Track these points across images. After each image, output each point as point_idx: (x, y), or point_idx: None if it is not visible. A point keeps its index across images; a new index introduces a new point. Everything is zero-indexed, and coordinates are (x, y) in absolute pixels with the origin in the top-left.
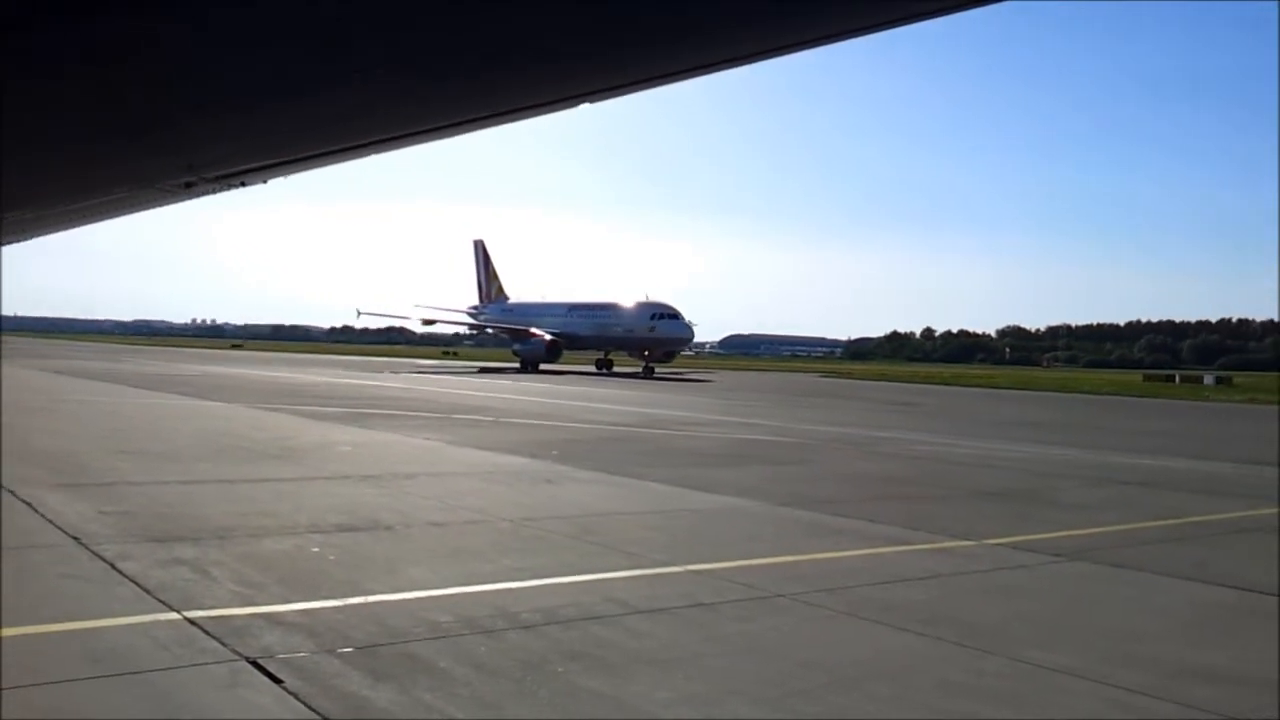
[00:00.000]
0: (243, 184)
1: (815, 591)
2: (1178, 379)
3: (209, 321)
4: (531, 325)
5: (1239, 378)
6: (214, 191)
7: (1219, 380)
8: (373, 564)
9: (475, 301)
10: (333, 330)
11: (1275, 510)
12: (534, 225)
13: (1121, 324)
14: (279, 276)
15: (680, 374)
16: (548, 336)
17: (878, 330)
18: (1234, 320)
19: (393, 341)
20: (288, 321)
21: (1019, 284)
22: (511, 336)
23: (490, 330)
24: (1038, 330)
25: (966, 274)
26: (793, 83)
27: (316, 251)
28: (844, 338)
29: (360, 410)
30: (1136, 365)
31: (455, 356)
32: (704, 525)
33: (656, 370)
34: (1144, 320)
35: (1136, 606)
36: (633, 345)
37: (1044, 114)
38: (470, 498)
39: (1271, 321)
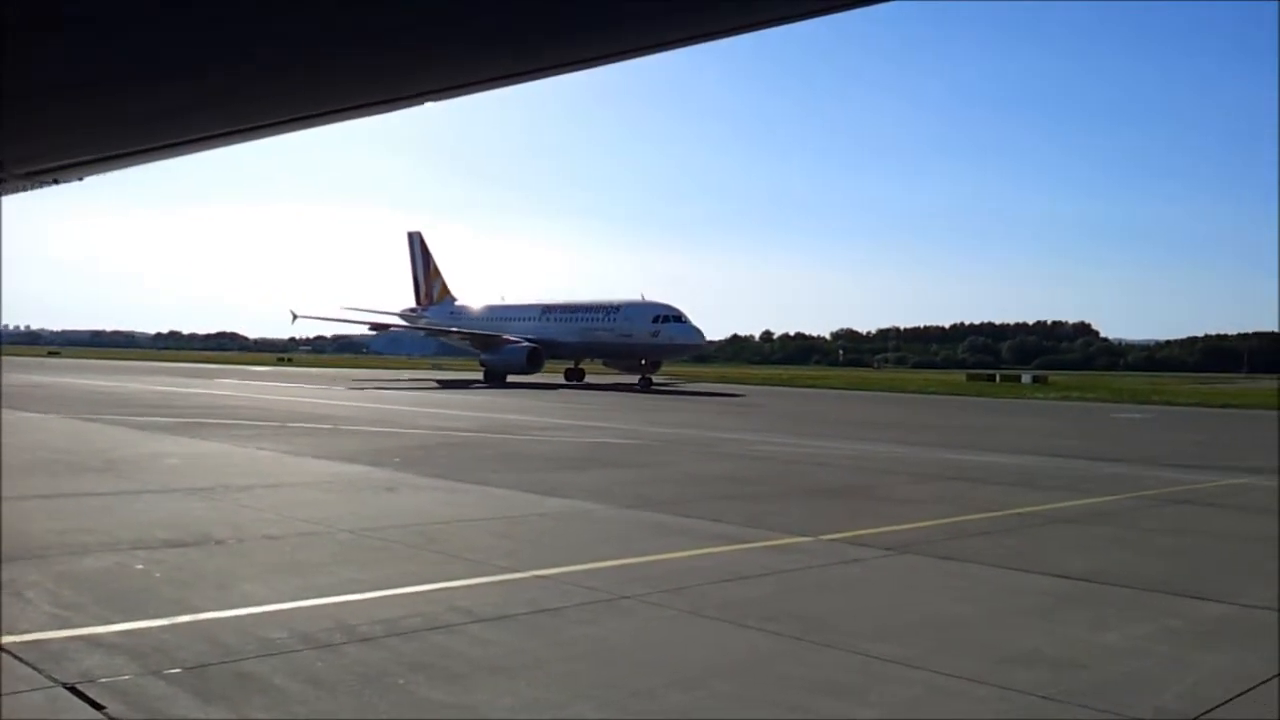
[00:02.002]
0: (55, 181)
1: (659, 592)
2: (998, 378)
3: (24, 327)
4: (494, 330)
5: (1054, 376)
6: (24, 189)
7: (1036, 379)
8: (202, 580)
9: (412, 303)
10: (159, 336)
11: (1086, 501)
12: (383, 226)
13: (946, 326)
14: (99, 281)
15: (673, 385)
16: (525, 344)
17: (719, 333)
18: (1049, 323)
19: (224, 347)
20: (109, 327)
21: (851, 288)
22: (478, 344)
23: (446, 337)
24: (869, 333)
25: (802, 279)
26: (638, 87)
27: (145, 256)
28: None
29: (191, 420)
30: (960, 365)
31: (290, 362)
32: (549, 530)
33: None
34: (967, 323)
35: (962, 596)
36: (629, 354)
37: (875, 124)
38: (308, 509)
39: (1082, 324)
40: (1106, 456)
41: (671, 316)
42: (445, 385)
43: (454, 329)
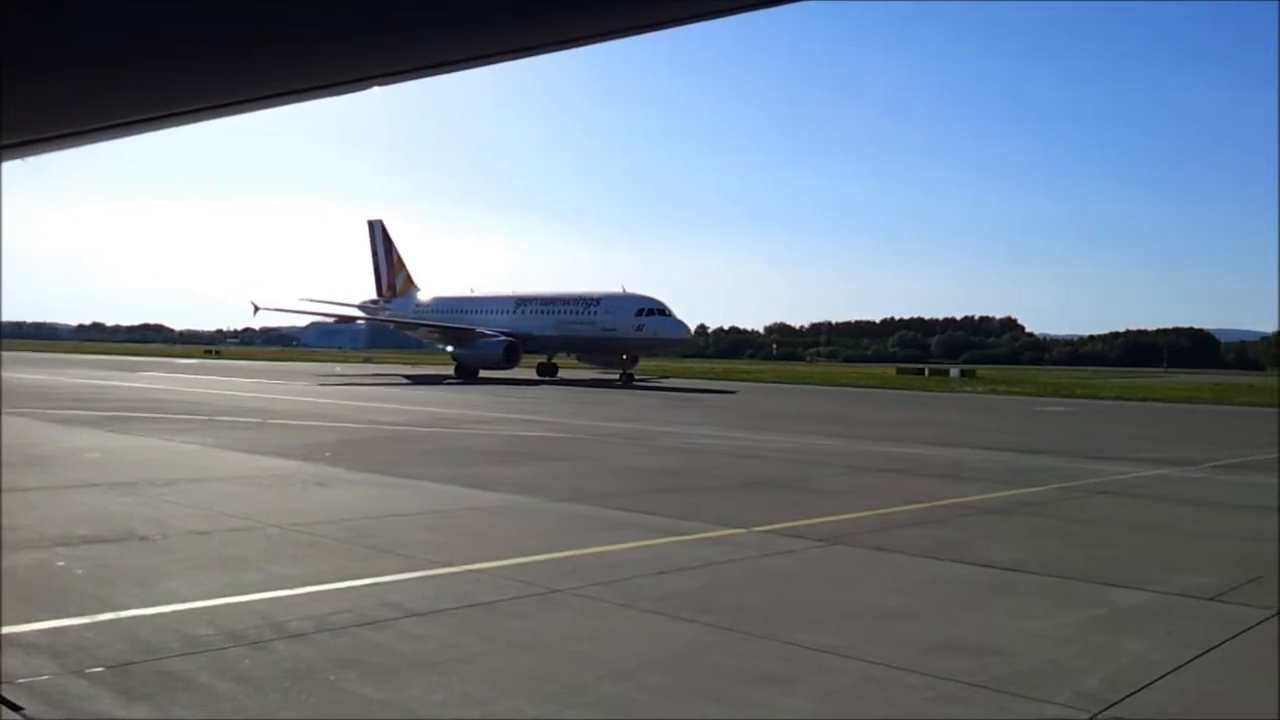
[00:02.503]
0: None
1: (593, 585)
2: (927, 372)
3: None
4: (464, 323)
5: (981, 370)
6: None
7: (963, 373)
8: (125, 577)
9: (372, 295)
10: (81, 328)
11: (1012, 493)
12: (326, 219)
13: (877, 321)
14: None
15: (647, 380)
16: (501, 337)
17: None
18: (977, 318)
19: (148, 340)
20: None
21: (784, 283)
22: (449, 338)
23: (414, 331)
24: (802, 327)
25: (737, 273)
26: (582, 79)
27: (66, 247)
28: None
29: (115, 414)
30: (891, 359)
31: (218, 355)
32: (482, 524)
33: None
34: (897, 318)
35: (892, 586)
36: (611, 348)
37: (811, 121)
38: (236, 504)
39: (1009, 319)
40: (1032, 449)
41: (655, 310)
42: (416, 381)
43: (424, 322)
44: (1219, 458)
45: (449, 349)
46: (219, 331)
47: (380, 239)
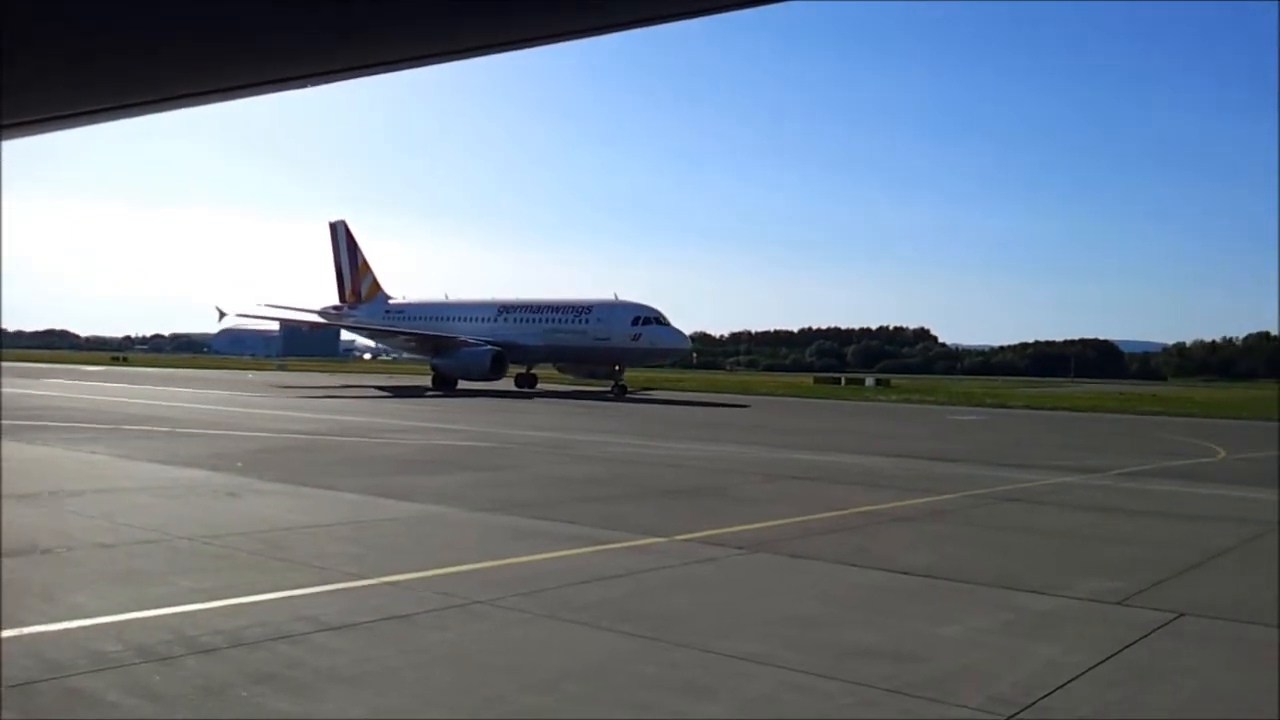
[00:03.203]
0: None
1: (513, 596)
2: (844, 381)
3: None
4: (440, 330)
5: (896, 380)
6: None
7: (879, 382)
8: (27, 592)
9: (335, 300)
10: None
11: (925, 500)
12: (239, 228)
13: (795, 331)
14: None
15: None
16: (487, 346)
17: None
18: (891, 328)
19: (53, 345)
20: None
21: (703, 293)
22: (427, 347)
23: (388, 339)
24: (721, 336)
25: (658, 282)
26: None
27: None
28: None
29: (17, 423)
30: (808, 369)
31: (126, 362)
32: (399, 535)
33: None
34: (814, 328)
35: (810, 593)
36: (603, 358)
37: (730, 131)
38: (144, 515)
39: (922, 329)
40: (944, 457)
41: (652, 318)
42: (395, 393)
43: (400, 329)
44: (1122, 466)
45: (431, 359)
46: (127, 338)
47: (343, 241)
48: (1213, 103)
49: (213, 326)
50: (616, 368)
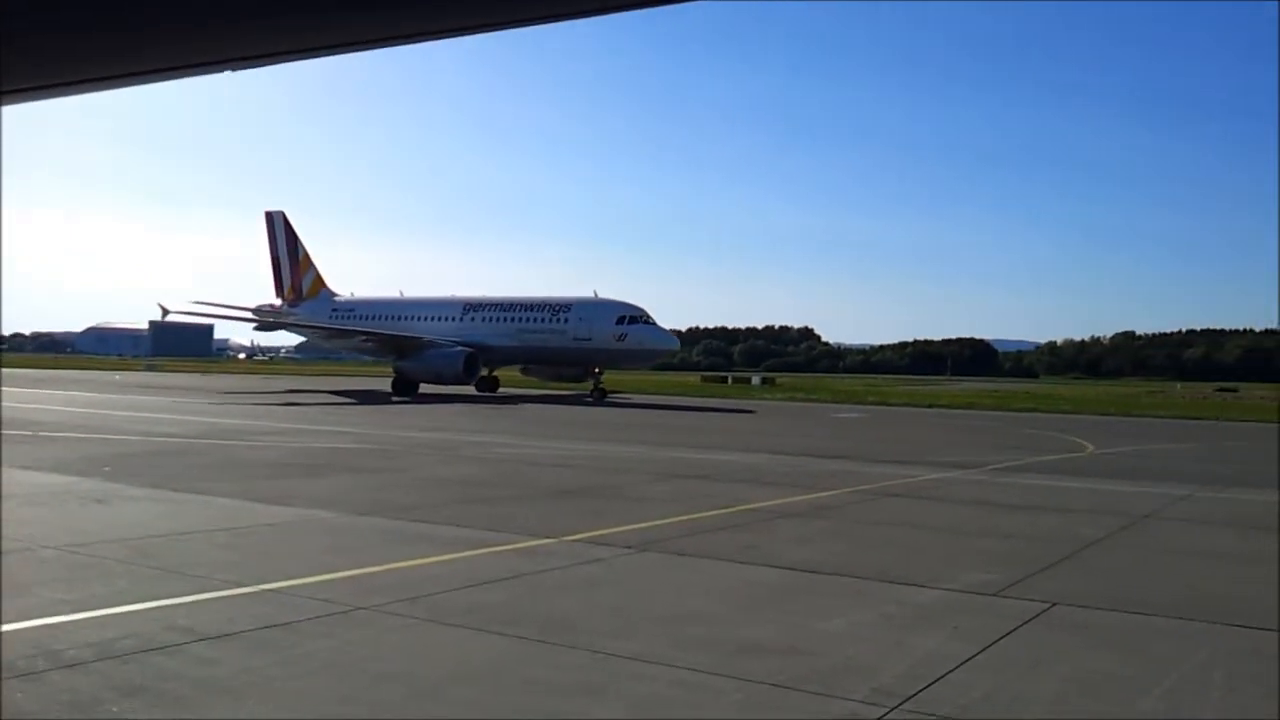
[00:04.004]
0: None
1: (397, 601)
2: (730, 380)
3: None
4: (397, 330)
5: (781, 378)
6: None
7: (764, 380)
8: None
9: (273, 298)
10: None
11: (810, 496)
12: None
13: (683, 330)
14: None
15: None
16: (459, 347)
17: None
18: (776, 327)
19: None
20: None
21: (590, 293)
22: (389, 348)
23: (342, 340)
24: None
25: (546, 280)
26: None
27: None
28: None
29: None
30: (695, 368)
31: None
32: (278, 540)
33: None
34: (701, 327)
35: (698, 591)
36: (583, 360)
37: (623, 130)
38: (7, 524)
39: (806, 328)
40: (828, 453)
41: (638, 317)
42: (362, 399)
43: (358, 329)
44: (997, 461)
45: (395, 362)
46: None
47: (282, 233)
48: (1080, 107)
49: (77, 325)
50: (596, 370)
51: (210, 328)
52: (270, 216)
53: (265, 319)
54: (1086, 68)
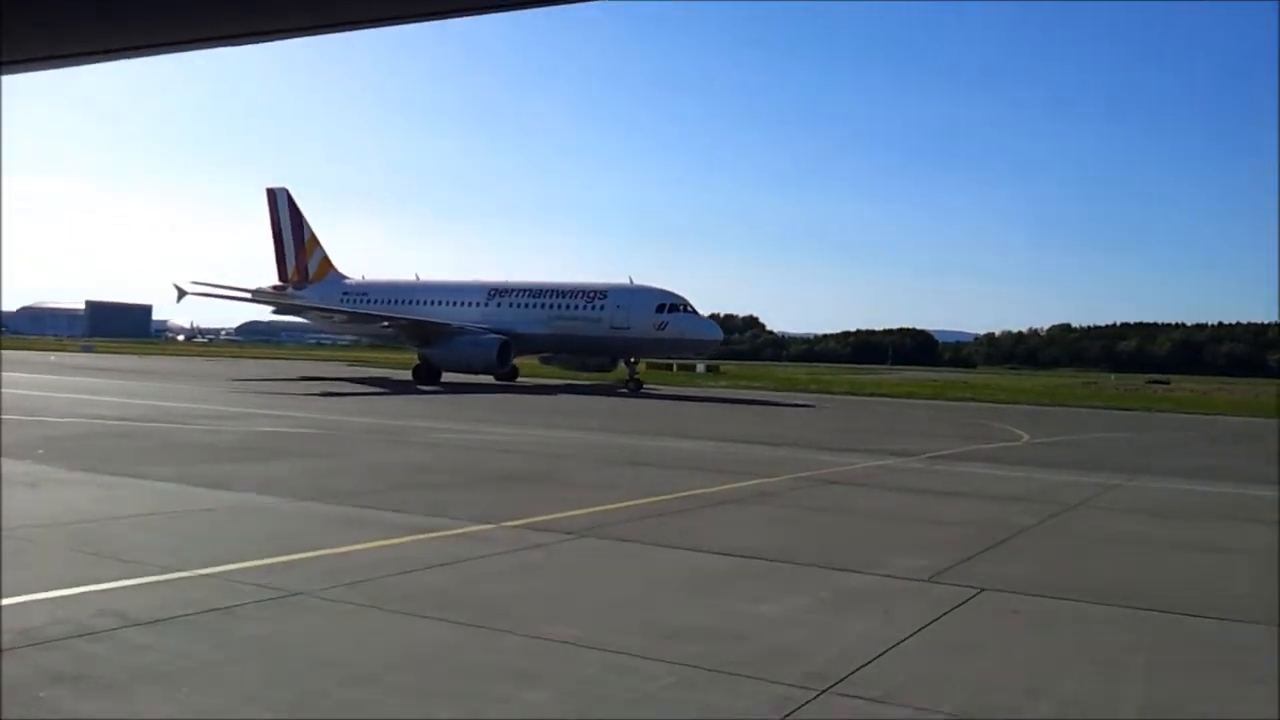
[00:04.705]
0: None
1: (337, 586)
2: (675, 367)
3: None
4: (416, 315)
5: (726, 366)
6: None
7: (710, 368)
8: None
9: (276, 279)
10: None
11: (750, 483)
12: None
13: None
14: None
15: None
16: (491, 335)
17: None
18: (722, 315)
19: None
20: None
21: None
22: (412, 333)
23: (360, 324)
24: None
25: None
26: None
27: None
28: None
29: None
30: None
31: None
32: (218, 525)
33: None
34: None
35: (636, 576)
36: (619, 350)
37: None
38: None
39: (751, 317)
40: (770, 441)
41: (679, 305)
42: (395, 389)
43: (381, 314)
44: (935, 449)
45: (421, 349)
46: None
47: (285, 212)
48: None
49: (11, 304)
50: (632, 360)
51: (149, 308)
52: (272, 194)
53: (266, 300)
54: (1024, 63)
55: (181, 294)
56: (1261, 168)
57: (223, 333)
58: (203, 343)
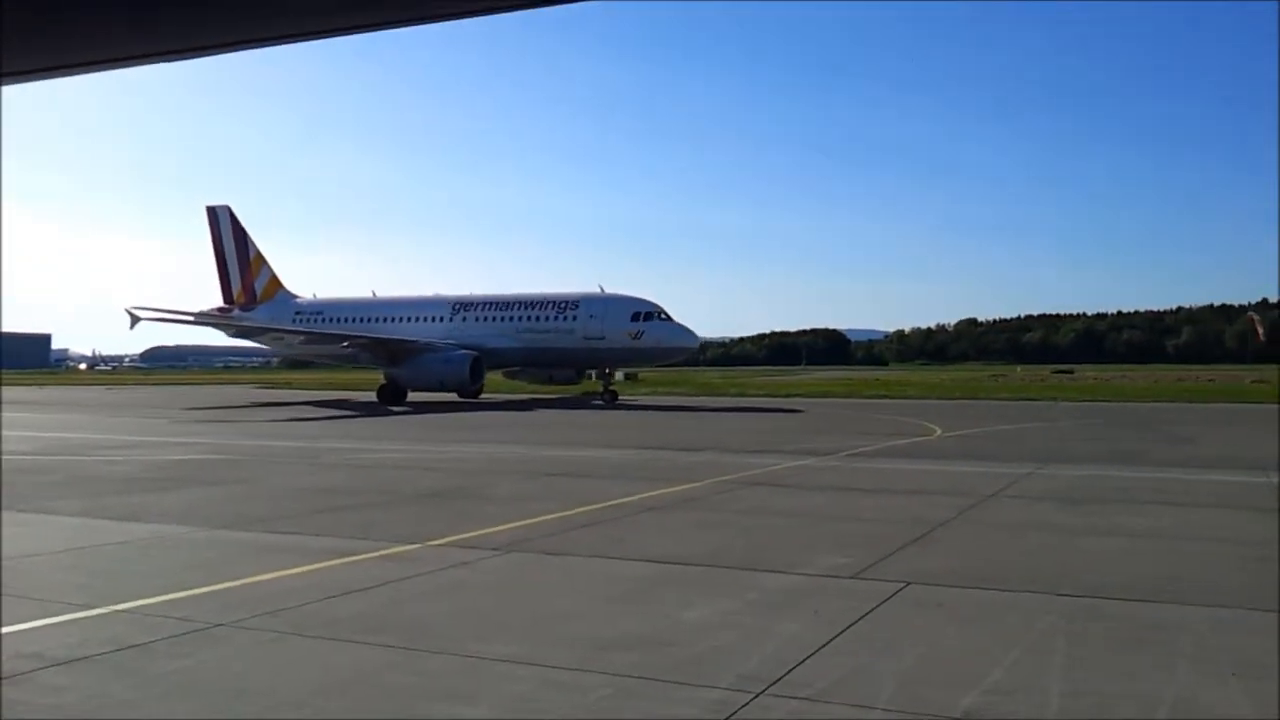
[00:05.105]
0: None
1: (258, 615)
2: (594, 375)
3: None
4: (377, 333)
5: (644, 373)
6: None
7: (628, 376)
8: None
9: (219, 302)
10: None
11: (674, 489)
12: None
13: None
14: None
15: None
16: (462, 351)
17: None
18: None
19: None
20: None
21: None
22: (377, 352)
23: (318, 344)
24: None
25: (393, 277)
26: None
27: None
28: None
29: None
30: None
31: None
32: (130, 559)
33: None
34: None
35: (565, 589)
36: (593, 361)
37: (465, 127)
38: None
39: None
40: (690, 446)
41: (654, 313)
42: (354, 409)
43: (345, 334)
44: (851, 447)
45: (387, 369)
46: None
47: (229, 230)
48: (925, 103)
49: None
50: (607, 371)
51: (48, 337)
52: (213, 212)
53: (212, 322)
54: (932, 65)
55: (135, 320)
56: (1157, 158)
57: (126, 359)
58: (106, 370)
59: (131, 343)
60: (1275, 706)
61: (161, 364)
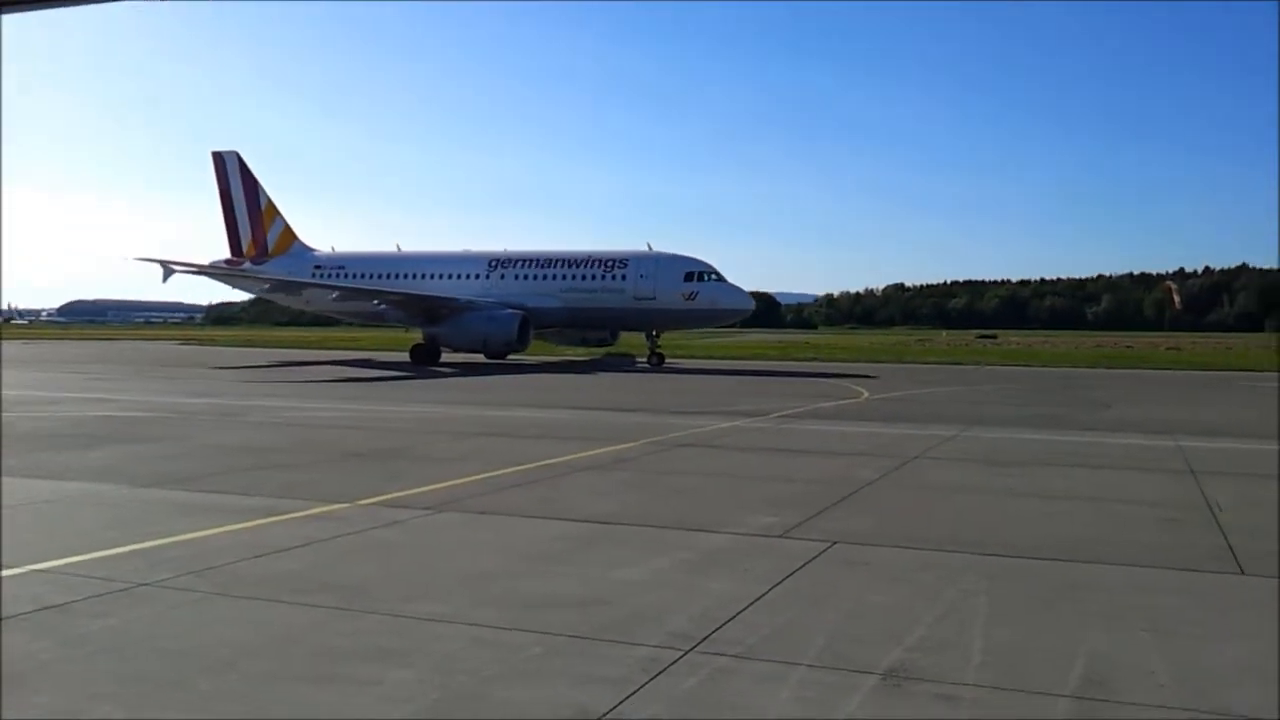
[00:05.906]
0: None
1: (183, 575)
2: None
3: None
4: (405, 289)
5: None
6: None
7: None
8: None
9: (226, 254)
10: None
11: (607, 449)
12: None
13: None
14: None
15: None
16: (508, 310)
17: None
18: None
19: None
20: None
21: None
22: (412, 309)
23: (350, 301)
24: None
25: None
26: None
27: None
28: (207, 302)
29: None
30: None
31: None
32: (50, 517)
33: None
34: None
35: (496, 548)
36: (643, 322)
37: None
38: None
39: None
40: (623, 407)
41: (707, 274)
42: (419, 373)
43: (381, 290)
44: (781, 409)
45: (425, 327)
46: None
47: (237, 178)
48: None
49: None
50: (654, 333)
51: None
52: (220, 158)
53: (221, 275)
54: (869, 35)
55: (168, 272)
56: (1077, 135)
57: (43, 313)
58: (21, 324)
59: (48, 296)
60: (1185, 661)
61: (80, 318)
